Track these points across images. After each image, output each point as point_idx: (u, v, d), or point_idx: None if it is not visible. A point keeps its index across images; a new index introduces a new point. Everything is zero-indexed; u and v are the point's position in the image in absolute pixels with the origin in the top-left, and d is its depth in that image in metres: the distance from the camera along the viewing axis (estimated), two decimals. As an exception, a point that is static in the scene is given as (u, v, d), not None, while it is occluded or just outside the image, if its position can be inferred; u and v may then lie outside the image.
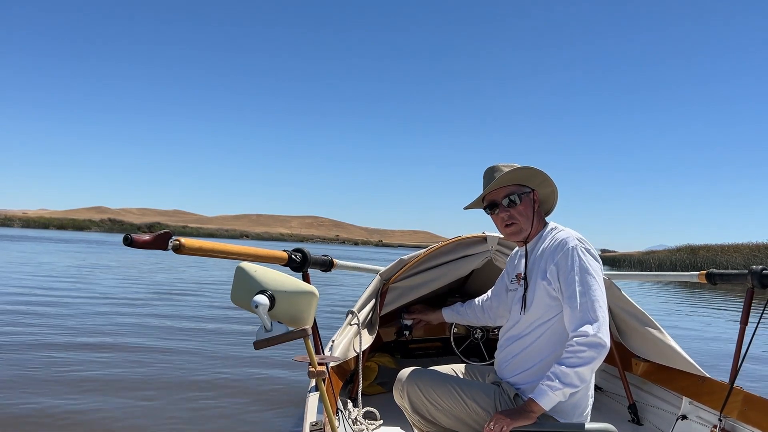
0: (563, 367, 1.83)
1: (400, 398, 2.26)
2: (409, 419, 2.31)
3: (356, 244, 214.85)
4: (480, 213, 2.32)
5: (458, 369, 2.40)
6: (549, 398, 1.84)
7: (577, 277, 1.94)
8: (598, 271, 1.98)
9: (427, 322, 3.07)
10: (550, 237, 2.13)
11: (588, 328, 1.84)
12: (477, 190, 2.24)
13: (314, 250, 2.69)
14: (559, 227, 2.19)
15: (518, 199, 2.14)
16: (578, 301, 1.91)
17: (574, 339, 1.85)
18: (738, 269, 2.65)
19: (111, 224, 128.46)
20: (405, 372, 2.27)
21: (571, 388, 1.83)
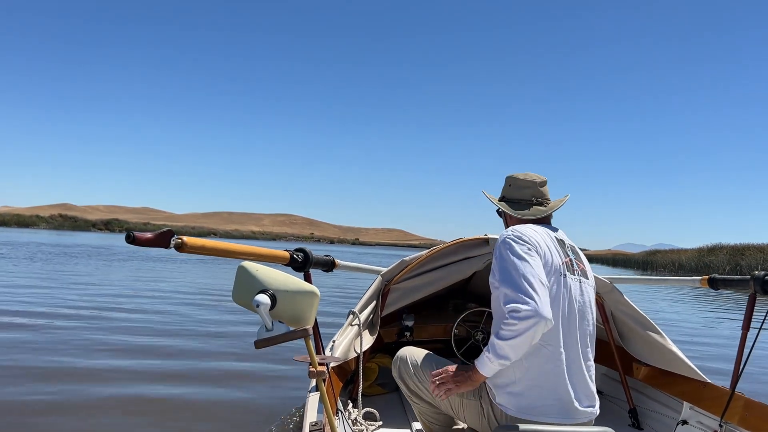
0: (496, 339, 1.93)
1: (396, 376, 2.41)
2: (406, 396, 2.41)
3: (332, 242, 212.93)
4: (456, 212, 2.37)
5: None
6: (488, 367, 1.95)
7: (497, 265, 2.04)
8: (517, 253, 2.00)
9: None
10: None
11: (513, 305, 1.90)
12: (450, 189, 2.26)
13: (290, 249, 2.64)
14: None
15: None
16: (500, 285, 2.00)
17: (507, 314, 1.92)
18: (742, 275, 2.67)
19: (62, 220, 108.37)
20: (403, 350, 2.42)
21: (505, 360, 1.92)
